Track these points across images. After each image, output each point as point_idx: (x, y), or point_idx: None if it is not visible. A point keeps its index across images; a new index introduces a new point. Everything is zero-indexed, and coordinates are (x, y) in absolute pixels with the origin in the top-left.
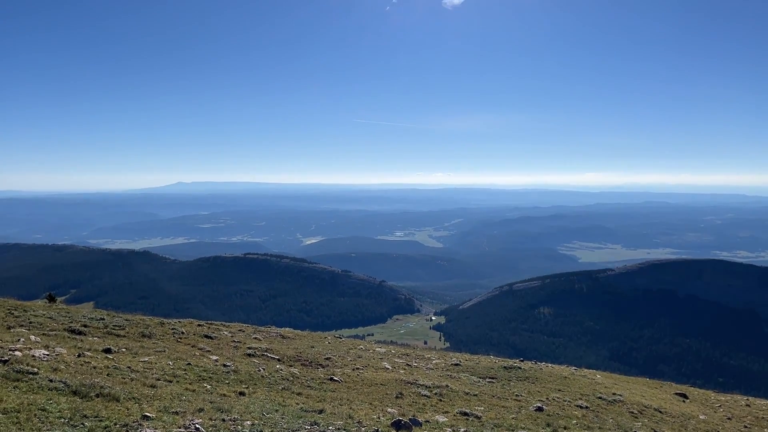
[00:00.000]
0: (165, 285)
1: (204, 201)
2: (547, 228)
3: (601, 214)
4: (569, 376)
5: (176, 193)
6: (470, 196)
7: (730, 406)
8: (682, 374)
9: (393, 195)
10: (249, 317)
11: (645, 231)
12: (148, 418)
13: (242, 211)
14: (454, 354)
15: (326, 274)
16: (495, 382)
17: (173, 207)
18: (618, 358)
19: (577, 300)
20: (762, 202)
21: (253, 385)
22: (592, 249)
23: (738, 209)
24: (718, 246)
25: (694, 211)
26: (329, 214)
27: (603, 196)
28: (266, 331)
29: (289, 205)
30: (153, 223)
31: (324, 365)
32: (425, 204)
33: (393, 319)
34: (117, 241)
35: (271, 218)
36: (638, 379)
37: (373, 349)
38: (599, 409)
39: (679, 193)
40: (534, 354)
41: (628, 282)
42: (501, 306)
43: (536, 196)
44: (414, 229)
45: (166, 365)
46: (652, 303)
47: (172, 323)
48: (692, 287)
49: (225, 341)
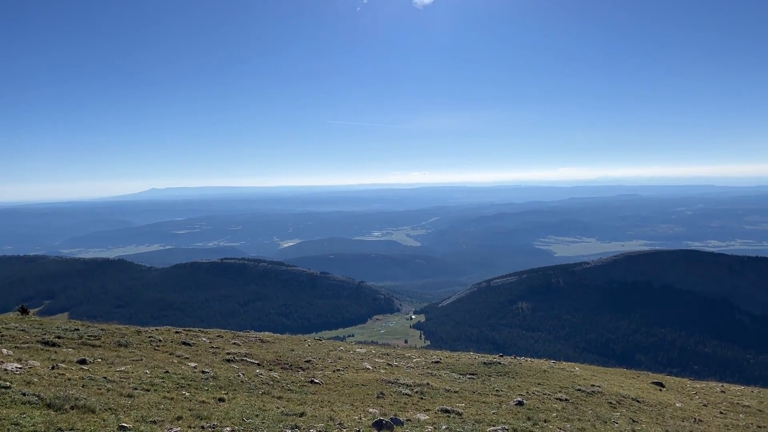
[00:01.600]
0: (141, 293)
1: (178, 207)
2: (522, 224)
3: (575, 208)
4: (548, 370)
5: (150, 199)
6: (446, 195)
7: (706, 393)
8: (658, 363)
9: (370, 195)
10: (228, 323)
11: (618, 224)
12: (125, 428)
13: (218, 216)
14: (434, 352)
15: (305, 277)
16: (475, 378)
17: (147, 214)
18: (596, 349)
19: (554, 294)
20: (730, 192)
21: (232, 391)
22: (567, 243)
23: (707, 200)
24: (690, 236)
25: (666, 203)
26: (306, 216)
27: (576, 190)
28: (245, 336)
29: (265, 208)
30: (127, 231)
31: (304, 368)
32: (402, 203)
33: (373, 320)
34: (90, 250)
35: (247, 222)
36: (616, 370)
37: (354, 350)
38: (578, 401)
39: (651, 186)
40: (513, 349)
41: (603, 275)
42: (480, 302)
43: (511, 192)
44: (391, 229)
45: (143, 374)
46: (628, 294)
47: (149, 331)
48: (666, 278)
49: (203, 348)
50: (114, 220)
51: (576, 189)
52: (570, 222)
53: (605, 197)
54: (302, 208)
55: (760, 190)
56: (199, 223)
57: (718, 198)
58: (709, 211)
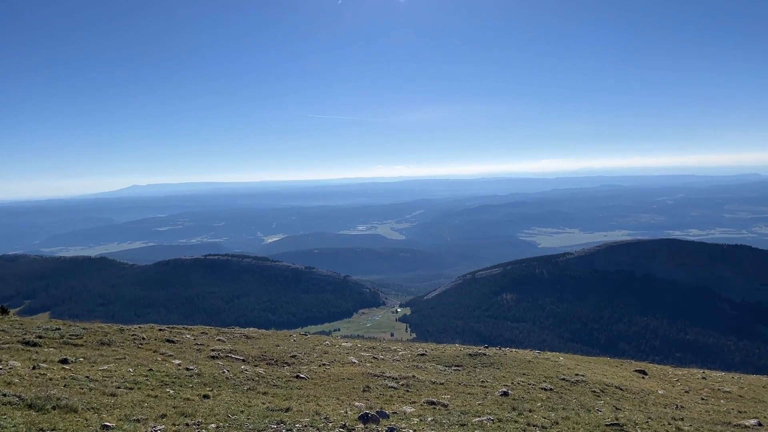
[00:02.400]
0: (124, 291)
1: (160, 203)
2: (506, 215)
3: (558, 199)
4: (533, 360)
5: (131, 196)
6: (431, 188)
7: (687, 379)
8: (641, 351)
9: (354, 189)
10: (212, 319)
11: (601, 214)
12: (108, 427)
13: (201, 212)
14: (420, 344)
15: (289, 272)
16: (461, 369)
17: (129, 211)
18: (580, 339)
19: (539, 285)
20: (710, 182)
21: (217, 388)
22: (550, 234)
23: (688, 189)
24: (671, 225)
25: (647, 193)
26: (290, 211)
27: (559, 181)
28: (230, 332)
29: (249, 203)
30: (109, 229)
31: (290, 363)
32: (386, 197)
33: (359, 313)
34: (72, 248)
35: (230, 218)
36: (599, 359)
37: (339, 344)
38: (563, 390)
39: (632, 176)
40: (498, 340)
41: (586, 265)
42: (465, 294)
43: (495, 184)
44: (376, 223)
45: (127, 372)
46: (611, 284)
47: (132, 329)
48: (648, 267)
49: (188, 345)
50: (95, 218)
51: (558, 180)
52: (553, 213)
53: (587, 188)
54: (286, 203)
55: (739, 179)
56: (181, 220)
57: (698, 187)
58: (690, 200)
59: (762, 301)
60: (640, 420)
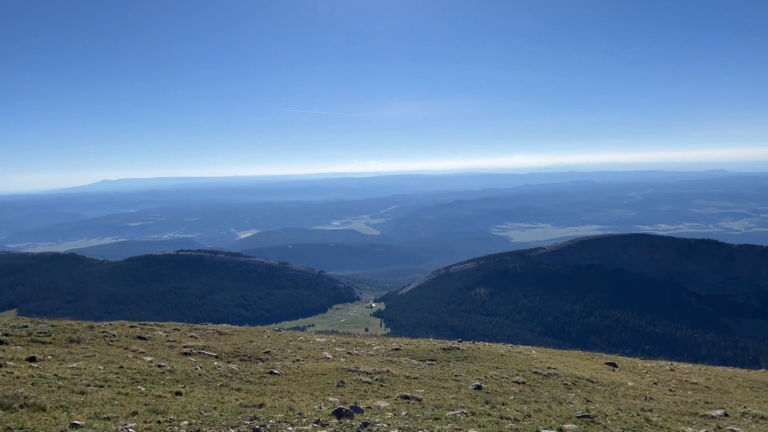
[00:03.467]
0: (94, 287)
1: (131, 198)
2: (479, 211)
3: (530, 195)
4: (506, 354)
5: (101, 191)
6: (405, 183)
7: (656, 371)
8: (612, 344)
9: (328, 184)
10: (185, 315)
11: (572, 209)
12: (77, 425)
13: (172, 207)
14: (394, 339)
15: (263, 267)
16: (435, 364)
17: (99, 206)
18: (552, 333)
19: (512, 279)
20: (679, 177)
21: (190, 384)
22: (523, 229)
23: (657, 185)
24: (641, 220)
25: (617, 188)
26: (264, 207)
27: (531, 177)
28: (203, 328)
29: (222, 198)
30: (78, 224)
31: (263, 359)
32: (361, 192)
33: (333, 309)
34: (39, 244)
35: (203, 213)
36: (571, 352)
37: (314, 340)
38: (535, 383)
39: (603, 172)
40: (472, 334)
41: (558, 259)
42: (439, 289)
43: (468, 180)
44: (351, 218)
45: (97, 370)
46: (582, 278)
47: (102, 326)
48: (618, 261)
49: (159, 341)
50: (64, 213)
51: (531, 176)
52: (526, 208)
53: (559, 183)
54: (259, 198)
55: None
56: (153, 215)
57: (667, 183)
58: (659, 195)
59: (727, 295)
60: (610, 411)
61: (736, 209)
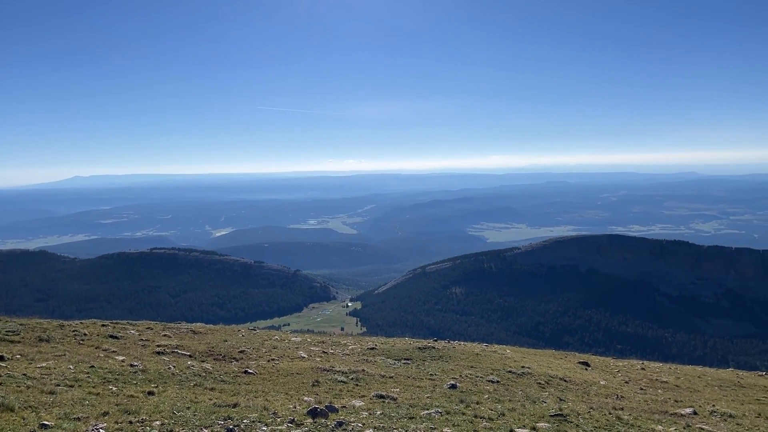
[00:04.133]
0: (65, 285)
1: (104, 195)
2: (456, 210)
3: (506, 195)
4: (481, 353)
5: (73, 187)
6: (382, 182)
7: (628, 370)
8: (585, 344)
9: (305, 183)
10: (158, 314)
11: (547, 210)
12: (47, 426)
13: (146, 204)
14: (370, 338)
15: (238, 266)
16: (410, 363)
17: (70, 203)
18: (526, 332)
19: (487, 279)
20: (652, 179)
21: (163, 384)
22: (499, 229)
23: (631, 186)
24: (614, 221)
25: (592, 189)
26: (239, 205)
27: (508, 177)
28: (176, 327)
29: (197, 196)
30: (48, 221)
31: (238, 358)
32: (338, 191)
33: (309, 308)
34: (8, 241)
35: (177, 211)
36: (545, 351)
37: (289, 339)
38: (509, 382)
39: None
40: (448, 333)
41: (533, 259)
42: (415, 288)
43: (445, 180)
44: (327, 217)
45: (67, 369)
46: (557, 278)
47: (73, 325)
48: (592, 261)
49: (132, 340)
50: (34, 210)
51: (507, 176)
52: (501, 209)
53: (535, 184)
54: (235, 196)
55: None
56: (126, 212)
57: (640, 185)
58: (632, 197)
59: (698, 295)
60: (582, 410)
61: (707, 211)
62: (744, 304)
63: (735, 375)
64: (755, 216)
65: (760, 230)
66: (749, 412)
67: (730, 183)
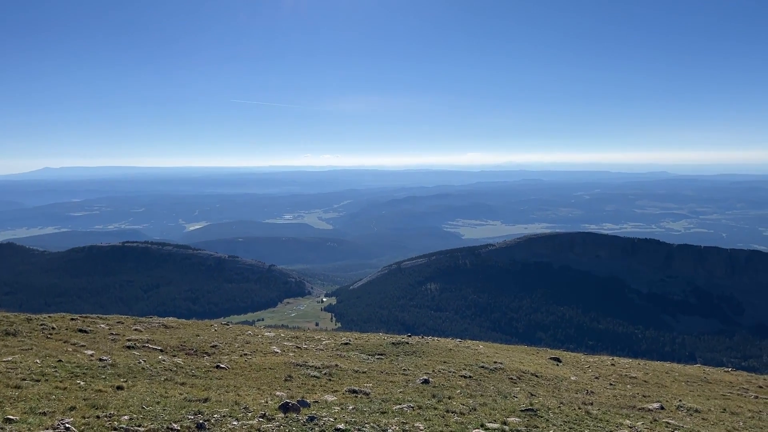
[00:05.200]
0: (33, 279)
1: (75, 187)
2: (432, 207)
3: (482, 192)
4: (454, 348)
5: (43, 179)
6: (358, 178)
7: (598, 366)
8: (557, 340)
9: (281, 177)
10: (130, 309)
11: (522, 207)
12: (11, 420)
13: (119, 197)
14: (344, 333)
15: (212, 261)
16: (383, 358)
17: (40, 194)
18: (500, 328)
19: (461, 275)
20: (624, 178)
21: (132, 378)
22: (474, 226)
23: (604, 185)
24: (587, 219)
25: (566, 188)
26: (214, 199)
27: (484, 175)
28: (148, 321)
29: (170, 189)
30: (17, 212)
31: (210, 353)
32: (314, 186)
33: (284, 303)
34: None
35: (150, 204)
36: (518, 347)
37: (262, 334)
38: (482, 377)
39: (553, 171)
40: (422, 329)
41: (507, 256)
42: (390, 284)
43: (421, 176)
44: (303, 212)
45: (33, 364)
46: (530, 275)
47: (40, 319)
48: (565, 259)
49: (102, 335)
50: (2, 201)
51: (483, 173)
52: (477, 205)
53: (510, 182)
54: (210, 190)
55: (650, 176)
56: (98, 205)
57: (613, 183)
58: (605, 195)
59: (667, 292)
60: (553, 405)
61: (677, 210)
62: (711, 302)
63: (702, 371)
64: (723, 216)
65: (728, 230)
66: (714, 407)
67: (700, 183)
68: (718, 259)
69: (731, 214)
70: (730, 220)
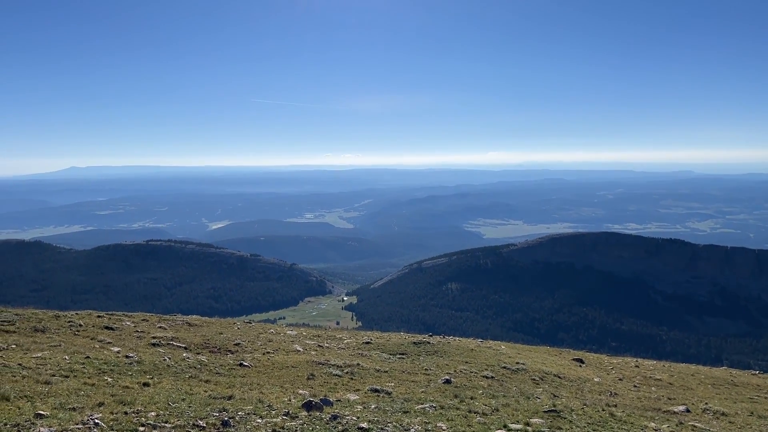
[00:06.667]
0: (60, 276)
1: (101, 186)
2: (452, 206)
3: (503, 191)
4: (476, 348)
5: (70, 178)
6: (379, 177)
7: (622, 367)
8: (579, 341)
9: (302, 177)
10: (154, 306)
11: (544, 207)
12: (42, 416)
13: (143, 196)
14: (365, 333)
15: (234, 259)
16: (405, 357)
17: (67, 193)
18: (521, 328)
19: (483, 275)
20: (648, 178)
21: (158, 375)
22: (495, 225)
23: (627, 184)
24: (610, 219)
25: (588, 187)
26: (236, 198)
27: (504, 174)
28: (172, 319)
29: (193, 188)
30: (44, 211)
31: (233, 351)
32: (335, 185)
33: (305, 302)
34: (4, 231)
35: (174, 203)
36: (540, 348)
37: (284, 332)
38: (504, 378)
39: (575, 170)
40: (443, 329)
41: (529, 256)
42: (411, 283)
43: (442, 175)
44: (324, 211)
45: (62, 360)
46: (552, 275)
47: (68, 316)
48: (588, 259)
49: (128, 332)
50: (29, 200)
51: (504, 173)
52: (498, 205)
53: (532, 181)
54: (232, 189)
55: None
56: (122, 204)
57: (636, 183)
58: (629, 195)
59: (692, 293)
60: (576, 407)
61: (702, 210)
62: (738, 303)
63: (728, 373)
64: (751, 216)
65: (755, 230)
66: (742, 411)
67: (727, 182)
68: (745, 259)
69: (759, 214)
70: (757, 220)
